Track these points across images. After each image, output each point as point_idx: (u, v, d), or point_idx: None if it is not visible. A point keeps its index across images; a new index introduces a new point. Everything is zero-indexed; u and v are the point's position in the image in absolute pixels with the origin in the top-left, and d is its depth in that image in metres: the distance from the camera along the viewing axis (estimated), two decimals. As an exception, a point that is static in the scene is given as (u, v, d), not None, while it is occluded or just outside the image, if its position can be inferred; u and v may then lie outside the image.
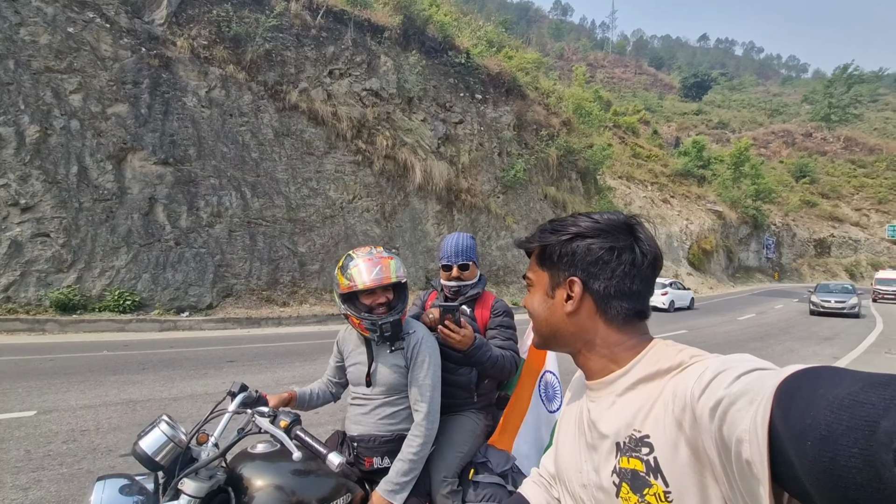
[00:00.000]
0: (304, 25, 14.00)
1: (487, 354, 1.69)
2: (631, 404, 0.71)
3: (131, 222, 10.23)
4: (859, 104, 69.72)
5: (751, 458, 0.47)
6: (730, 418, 0.51)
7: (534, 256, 0.87)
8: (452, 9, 21.28)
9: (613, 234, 0.78)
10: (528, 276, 0.88)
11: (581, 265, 0.78)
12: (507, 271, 17.90)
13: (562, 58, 79.01)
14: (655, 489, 0.64)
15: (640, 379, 0.72)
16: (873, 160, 60.24)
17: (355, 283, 1.58)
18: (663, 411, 0.65)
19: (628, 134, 44.74)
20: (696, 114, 75.04)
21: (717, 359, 0.62)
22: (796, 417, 0.42)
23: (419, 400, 1.60)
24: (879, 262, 46.48)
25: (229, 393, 1.38)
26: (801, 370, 0.47)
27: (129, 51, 10.78)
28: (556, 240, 0.81)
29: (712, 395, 0.55)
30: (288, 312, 11.36)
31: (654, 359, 0.73)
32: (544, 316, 0.83)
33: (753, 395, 0.49)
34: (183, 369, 6.18)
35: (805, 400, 0.42)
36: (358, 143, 14.27)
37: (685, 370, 0.66)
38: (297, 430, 1.18)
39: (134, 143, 10.49)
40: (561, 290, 0.80)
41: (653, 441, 0.66)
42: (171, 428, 1.15)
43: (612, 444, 0.72)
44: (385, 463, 1.58)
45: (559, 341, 0.83)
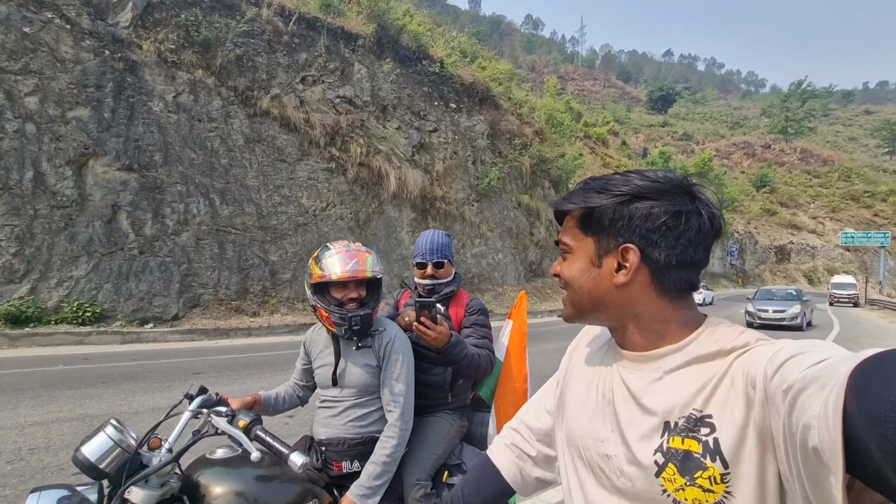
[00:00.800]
0: (276, 31, 13.82)
1: (463, 353, 1.65)
2: (687, 382, 0.66)
3: (92, 230, 9.78)
4: (813, 118, 73.68)
5: (819, 446, 0.45)
6: (799, 404, 0.48)
7: (573, 219, 0.76)
8: (426, 20, 21.46)
9: (677, 196, 0.70)
10: (564, 242, 0.78)
11: (640, 231, 0.69)
12: (483, 279, 17.95)
13: (534, 70, 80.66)
14: (711, 472, 0.61)
15: (697, 357, 0.67)
16: (827, 171, 63.58)
17: (328, 274, 1.52)
18: (730, 390, 0.61)
19: (598, 144, 45.87)
20: (663, 126, 77.70)
21: (790, 342, 0.59)
22: (874, 402, 0.39)
23: (392, 400, 1.55)
24: (835, 268, 48.89)
25: (187, 395, 1.29)
26: (878, 353, 0.44)
27: (92, 53, 10.39)
28: (608, 201, 0.71)
29: (785, 377, 0.52)
30: (258, 323, 11.04)
31: (714, 338, 0.67)
32: (588, 287, 0.73)
33: (825, 381, 0.46)
34: (145, 382, 5.89)
35: (884, 383, 0.40)
36: (331, 151, 14.12)
37: (753, 349, 0.62)
38: (258, 430, 1.10)
39: (96, 148, 10.07)
40: (611, 258, 0.71)
41: (715, 421, 0.61)
42: (119, 432, 1.05)
43: (661, 422, 0.67)
44: (355, 467, 1.52)
45: (601, 314, 0.75)
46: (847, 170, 63.79)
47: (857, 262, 51.45)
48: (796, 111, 69.46)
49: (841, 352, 0.51)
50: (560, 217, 0.80)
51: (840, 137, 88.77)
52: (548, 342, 9.43)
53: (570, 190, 0.79)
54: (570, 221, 0.77)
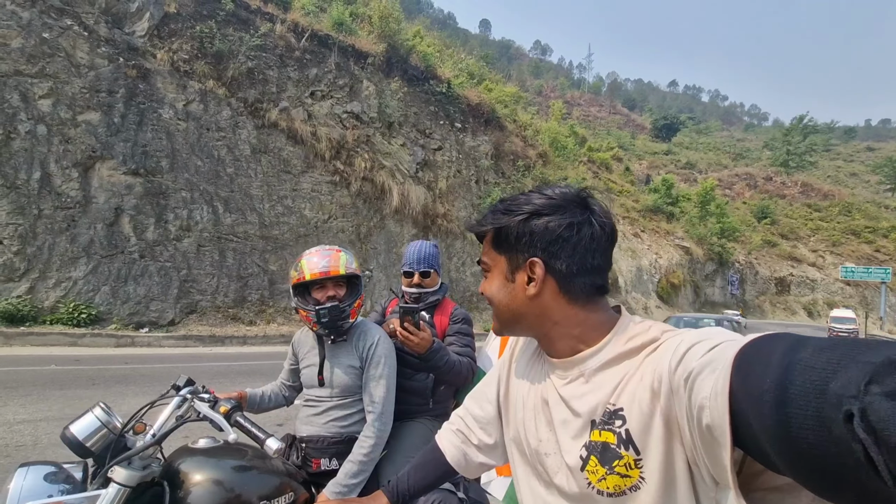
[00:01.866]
0: (289, 47, 14.16)
1: (445, 359, 1.69)
2: (606, 382, 0.71)
3: (94, 232, 9.87)
4: (814, 152, 74.42)
5: (711, 423, 0.50)
6: (696, 387, 0.54)
7: (488, 240, 0.82)
8: (436, 41, 21.95)
9: (570, 209, 0.75)
10: (483, 261, 0.84)
11: (540, 245, 0.75)
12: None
13: (540, 94, 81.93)
14: (626, 459, 0.66)
15: (614, 357, 0.72)
16: (827, 205, 63.89)
17: (303, 274, 1.58)
18: (639, 384, 0.66)
19: (602, 169, 46.24)
20: (666, 154, 78.43)
21: (690, 332, 0.64)
22: (754, 382, 0.44)
23: (372, 401, 1.58)
24: (835, 302, 48.67)
25: (174, 386, 1.33)
26: (759, 337, 0.49)
27: (107, 60, 10.65)
28: (511, 220, 0.77)
29: (686, 366, 0.57)
30: (254, 331, 11.03)
31: (626, 336, 0.73)
32: (506, 301, 0.79)
33: (716, 364, 0.51)
34: (136, 385, 5.88)
35: (762, 365, 0.45)
36: (336, 164, 14.30)
37: (661, 346, 0.67)
38: (237, 416, 1.15)
39: (104, 151, 10.24)
40: (521, 272, 0.77)
41: (626, 413, 0.67)
42: (106, 414, 1.10)
43: (587, 421, 0.72)
44: (333, 465, 1.55)
45: (522, 325, 0.80)
46: (848, 205, 64.10)
47: (858, 296, 51.28)
48: (798, 145, 70.24)
49: (734, 336, 0.56)
50: (480, 239, 0.86)
51: (841, 173, 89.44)
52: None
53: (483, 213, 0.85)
54: (486, 243, 0.83)
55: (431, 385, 1.84)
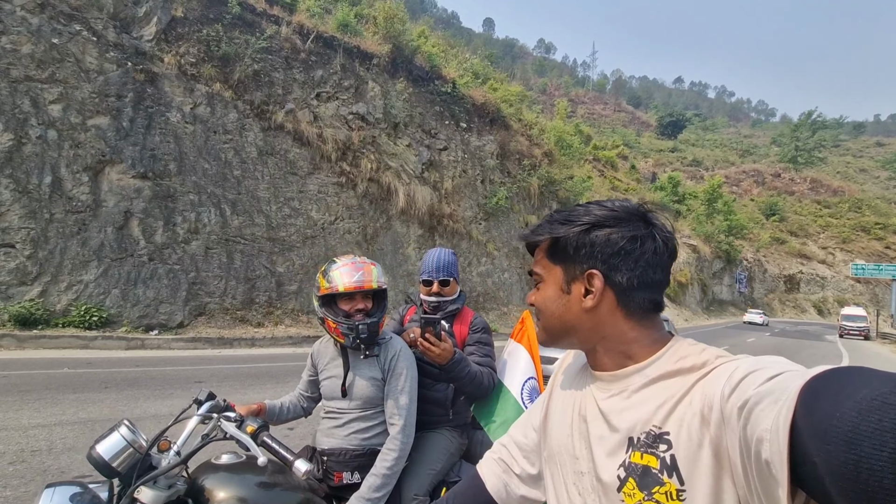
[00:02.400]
0: (294, 49, 14.20)
1: (466, 370, 1.68)
2: (650, 400, 0.69)
3: (104, 236, 9.95)
4: (823, 148, 73.59)
5: (770, 458, 0.46)
6: (753, 417, 0.50)
7: (542, 250, 0.81)
8: (440, 41, 21.94)
9: (632, 222, 0.75)
10: (535, 272, 0.82)
11: (601, 257, 0.74)
12: (488, 298, 17.91)
13: (545, 93, 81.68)
14: (668, 487, 0.63)
15: (660, 375, 0.70)
16: (837, 201, 63.25)
17: (336, 286, 1.57)
18: (688, 409, 0.63)
19: (607, 167, 46.08)
20: (672, 151, 77.99)
21: (747, 359, 0.61)
22: (821, 417, 0.41)
23: (395, 413, 1.57)
24: (845, 299, 48.18)
25: (195, 400, 1.33)
26: (829, 370, 0.46)
27: (115, 64, 10.73)
28: (570, 230, 0.76)
29: (742, 394, 0.54)
30: (262, 333, 11.07)
31: (676, 356, 0.70)
32: (559, 313, 0.78)
33: (778, 395, 0.48)
34: (148, 389, 5.92)
35: (831, 400, 0.41)
36: (342, 165, 14.33)
37: (714, 370, 0.64)
38: (265, 436, 1.14)
39: (113, 155, 10.32)
40: (578, 284, 0.76)
41: (672, 439, 0.64)
42: (132, 433, 1.09)
43: (625, 438, 0.70)
44: (355, 478, 1.53)
45: (572, 338, 0.79)
46: (858, 201, 63.40)
47: (868, 294, 50.73)
48: (806, 141, 69.50)
49: (795, 367, 0.53)
50: (531, 249, 0.85)
51: (851, 168, 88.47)
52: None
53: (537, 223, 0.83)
54: (539, 252, 0.82)
55: (452, 395, 1.82)
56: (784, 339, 22.35)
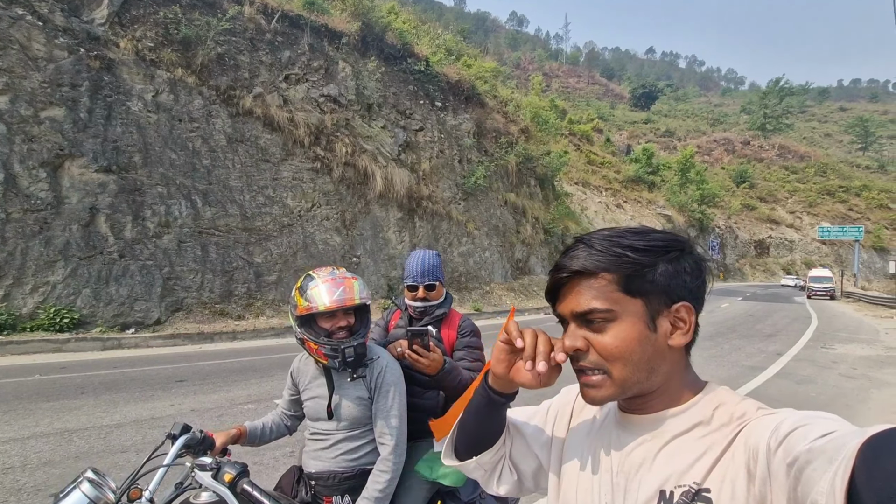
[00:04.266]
0: (259, 29, 13.58)
1: (457, 378, 1.63)
2: (686, 450, 0.64)
3: (69, 234, 9.51)
4: (790, 115, 75.32)
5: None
6: (805, 478, 0.46)
7: (606, 281, 0.67)
8: (411, 17, 21.31)
9: (697, 254, 0.70)
10: (599, 309, 0.66)
11: (689, 287, 0.67)
12: (469, 277, 17.97)
13: (518, 67, 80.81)
14: None
15: (698, 422, 0.65)
16: (804, 166, 65.11)
17: (315, 305, 1.47)
18: (731, 463, 0.59)
19: (583, 141, 46.21)
20: (646, 122, 78.61)
21: (793, 413, 0.57)
22: (884, 480, 0.38)
23: (385, 433, 1.52)
24: (812, 261, 50.15)
25: (169, 436, 1.24)
26: (888, 429, 0.42)
27: (66, 51, 10.07)
28: (660, 259, 0.67)
29: (790, 450, 0.50)
30: (243, 326, 10.88)
31: (714, 402, 0.66)
32: (648, 355, 0.66)
33: (833, 455, 0.44)
34: (127, 391, 5.76)
35: (893, 462, 0.38)
36: (316, 150, 13.95)
37: (755, 421, 0.60)
38: (244, 484, 1.06)
39: (72, 149, 9.78)
40: (663, 319, 0.67)
41: (713, 496, 0.59)
42: (96, 487, 1.00)
43: (656, 491, 0.64)
44: (346, 502, 1.49)
45: (648, 384, 0.67)
46: (823, 165, 65.42)
47: (833, 255, 52.86)
48: (774, 108, 70.93)
49: (846, 425, 0.50)
50: (565, 281, 0.70)
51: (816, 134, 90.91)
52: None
53: (578, 249, 0.70)
54: (602, 283, 0.67)
55: (442, 402, 1.78)
56: (756, 303, 23.16)
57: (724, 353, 9.45)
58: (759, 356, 9.36)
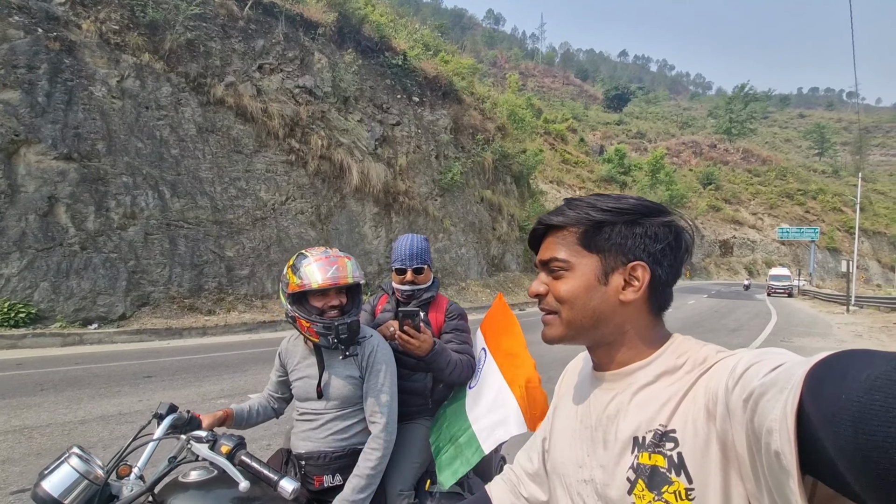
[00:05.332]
0: (231, 16, 13.18)
1: (447, 360, 1.64)
2: (654, 398, 0.68)
3: (25, 224, 9.02)
4: (754, 120, 78.31)
5: (780, 449, 0.45)
6: (760, 409, 0.49)
7: (570, 236, 0.75)
8: (388, 10, 21.10)
9: (672, 217, 0.75)
10: (558, 259, 0.75)
11: (648, 249, 0.72)
12: (445, 273, 17.99)
13: (495, 65, 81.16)
14: (676, 486, 0.62)
15: (662, 372, 0.69)
16: (765, 170, 67.96)
17: (308, 283, 1.44)
18: (693, 405, 0.63)
19: (558, 140, 46.88)
20: (618, 124, 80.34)
21: (748, 352, 0.60)
22: (828, 401, 0.40)
23: (377, 411, 1.50)
24: (772, 261, 52.43)
25: (156, 415, 1.20)
26: (832, 354, 0.45)
27: (22, 31, 9.53)
28: (618, 219, 0.73)
29: (745, 386, 0.53)
30: (214, 321, 10.58)
31: (678, 352, 0.70)
32: (593, 304, 0.73)
33: (783, 384, 0.47)
34: (91, 388, 5.52)
35: (836, 383, 0.40)
36: (291, 143, 13.67)
37: (715, 365, 0.64)
38: (242, 456, 1.03)
39: (29, 134, 9.27)
40: (617, 275, 0.72)
41: (679, 436, 0.63)
42: (84, 462, 0.95)
43: (630, 438, 0.69)
44: (336, 481, 1.47)
45: (597, 332, 0.74)
46: (783, 169, 68.44)
47: (791, 255, 55.40)
48: (739, 113, 73.64)
49: (796, 357, 0.53)
50: (541, 235, 0.79)
51: (777, 139, 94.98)
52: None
53: (559, 207, 0.78)
54: (566, 238, 0.76)
55: (431, 384, 1.78)
56: (720, 300, 24.07)
57: (692, 347, 9.77)
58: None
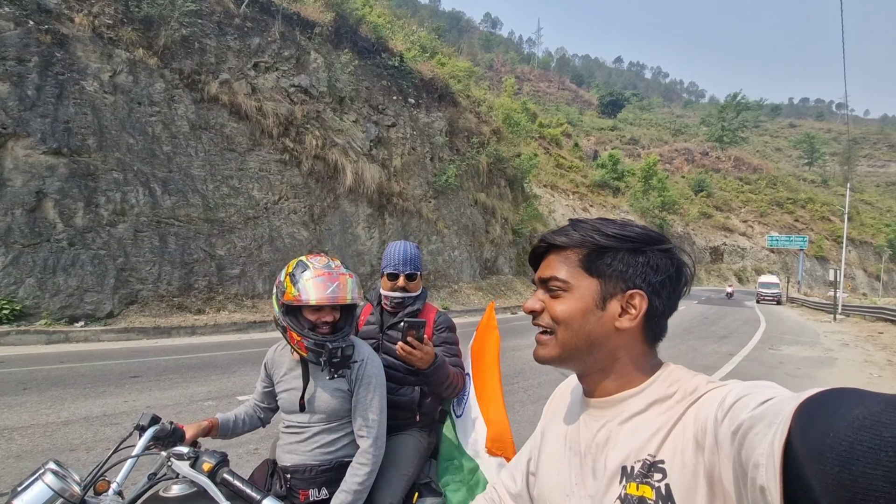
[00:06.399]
0: (227, 13, 13.10)
1: (446, 373, 1.62)
2: (644, 427, 0.68)
3: (12, 219, 8.87)
4: (745, 128, 79.30)
5: (766, 485, 0.45)
6: (748, 442, 0.49)
7: (572, 257, 0.75)
8: (385, 11, 21.08)
9: (673, 251, 0.75)
10: (557, 279, 0.75)
11: (648, 279, 0.72)
12: (438, 276, 17.97)
13: (491, 69, 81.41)
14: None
15: (654, 401, 0.69)
16: (756, 178, 68.76)
17: (306, 298, 1.39)
18: (682, 436, 0.63)
19: (552, 145, 47.06)
20: (612, 129, 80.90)
21: (738, 384, 0.60)
22: (815, 438, 0.40)
23: (365, 426, 1.48)
24: (762, 268, 52.97)
25: (137, 427, 1.16)
26: (822, 392, 0.45)
27: (12, 22, 9.39)
28: (623, 246, 0.73)
29: (734, 418, 0.53)
30: (203, 320, 10.47)
31: (669, 381, 0.70)
32: (588, 329, 0.73)
33: (772, 419, 0.47)
34: (76, 387, 5.43)
35: (824, 420, 0.40)
36: (285, 142, 13.59)
37: (705, 395, 0.64)
38: (224, 473, 1.00)
39: (17, 128, 9.13)
40: (615, 301, 0.72)
41: (667, 467, 0.63)
42: (60, 479, 0.92)
43: (618, 468, 0.68)
44: (322, 495, 1.44)
45: (589, 358, 0.74)
46: (773, 178, 69.29)
47: (781, 262, 56.02)
48: (731, 121, 74.47)
49: (785, 391, 0.53)
50: (543, 253, 0.80)
51: (768, 148, 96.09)
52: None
53: (563, 227, 0.79)
54: (568, 258, 0.76)
55: (418, 398, 1.76)
56: (710, 307, 24.25)
57: (682, 354, 9.84)
58: (713, 356, 9.80)
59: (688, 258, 0.77)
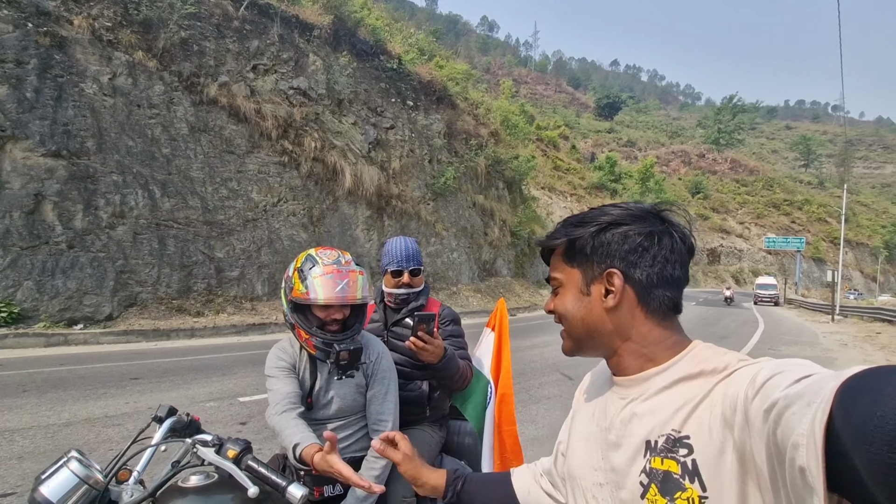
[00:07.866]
0: (226, 16, 13.11)
1: (456, 367, 1.62)
2: (668, 403, 0.67)
3: (10, 221, 8.84)
4: (742, 130, 79.60)
5: (806, 465, 0.44)
6: (784, 422, 0.47)
7: (558, 255, 0.80)
8: (384, 14, 21.15)
9: (648, 220, 0.75)
10: (554, 277, 0.81)
11: (619, 254, 0.73)
12: (437, 278, 17.97)
13: (488, 71, 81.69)
14: (690, 493, 0.61)
15: (679, 378, 0.68)
16: (753, 180, 69.03)
17: (315, 296, 1.35)
18: (709, 413, 0.62)
19: (550, 147, 47.18)
20: (609, 132, 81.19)
21: (770, 361, 0.59)
22: (860, 419, 0.38)
23: (381, 419, 1.48)
24: (759, 270, 53.14)
25: (155, 418, 1.17)
26: (865, 370, 0.43)
27: (11, 24, 9.38)
28: (586, 231, 0.76)
29: (767, 396, 0.52)
30: (203, 323, 10.44)
31: (697, 359, 0.69)
32: (581, 315, 0.76)
33: (811, 398, 0.45)
34: (76, 389, 5.40)
35: (870, 400, 0.38)
36: (284, 144, 13.59)
37: (735, 373, 0.62)
38: (249, 460, 1.00)
39: (16, 130, 9.11)
40: (597, 284, 0.75)
41: (693, 443, 0.62)
42: (84, 466, 0.92)
43: (642, 442, 0.68)
44: (337, 491, 1.44)
45: (596, 342, 0.77)
46: (770, 180, 69.59)
47: (778, 264, 56.21)
48: (727, 124, 74.80)
49: (822, 369, 0.52)
50: (547, 255, 0.84)
51: (764, 150, 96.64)
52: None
53: (552, 229, 0.83)
54: (556, 257, 0.81)
55: (428, 392, 1.76)
56: (708, 308, 24.32)
57: (682, 354, 9.84)
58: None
59: (677, 220, 0.76)
